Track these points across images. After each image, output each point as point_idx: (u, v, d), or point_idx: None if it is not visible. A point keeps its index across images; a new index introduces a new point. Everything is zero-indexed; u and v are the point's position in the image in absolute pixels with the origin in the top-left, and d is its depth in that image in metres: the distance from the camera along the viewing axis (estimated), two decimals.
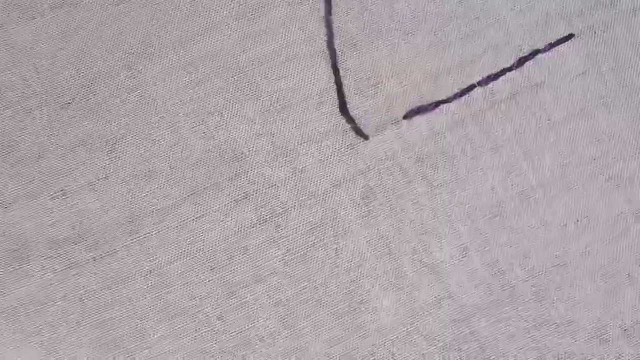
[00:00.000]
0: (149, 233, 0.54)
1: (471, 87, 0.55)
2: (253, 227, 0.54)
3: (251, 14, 0.55)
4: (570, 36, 0.55)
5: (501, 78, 0.55)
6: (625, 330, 0.55)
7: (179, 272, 0.54)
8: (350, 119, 0.55)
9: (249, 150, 0.55)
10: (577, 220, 0.55)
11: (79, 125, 0.54)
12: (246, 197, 0.54)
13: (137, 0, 0.54)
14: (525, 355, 0.54)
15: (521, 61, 0.55)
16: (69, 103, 0.54)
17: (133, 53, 0.55)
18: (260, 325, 0.54)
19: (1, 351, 0.52)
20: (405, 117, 0.55)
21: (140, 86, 0.55)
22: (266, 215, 0.54)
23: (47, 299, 0.53)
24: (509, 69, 0.55)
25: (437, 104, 0.55)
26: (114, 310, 0.53)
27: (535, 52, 0.55)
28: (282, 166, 0.55)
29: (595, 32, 0.56)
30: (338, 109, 0.55)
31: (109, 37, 0.54)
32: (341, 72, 0.55)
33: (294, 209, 0.54)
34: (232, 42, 0.55)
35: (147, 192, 0.54)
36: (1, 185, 0.53)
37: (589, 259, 0.55)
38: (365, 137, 0.55)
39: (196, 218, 0.54)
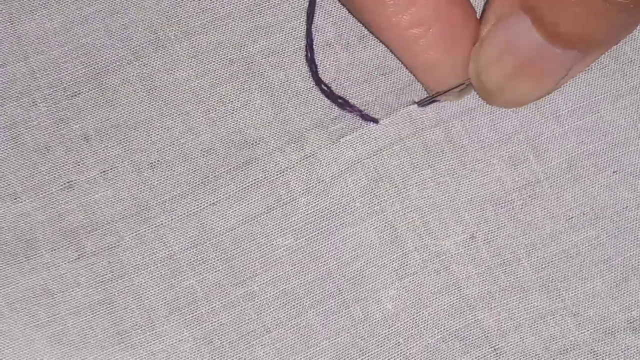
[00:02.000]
0: (160, 222, 0.54)
1: None
2: (262, 215, 0.55)
3: (257, 8, 0.55)
4: None
5: None
6: (631, 322, 0.54)
7: (189, 261, 0.54)
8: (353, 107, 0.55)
9: (260, 137, 0.55)
10: (584, 213, 0.55)
11: (88, 116, 0.54)
12: (256, 185, 0.55)
13: None
14: (530, 345, 0.54)
15: None
16: (76, 95, 0.55)
17: (141, 44, 0.55)
18: (267, 316, 0.54)
19: (12, 341, 0.53)
20: (419, 104, 0.55)
21: (149, 76, 0.55)
22: (275, 203, 0.55)
23: (59, 289, 0.53)
24: None
25: (444, 92, 0.55)
26: (125, 300, 0.54)
27: None
28: (292, 152, 0.55)
29: None
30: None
31: (117, 28, 0.55)
32: (352, 63, 0.55)
33: (303, 195, 0.55)
34: (240, 34, 0.55)
35: (159, 180, 0.55)
36: (9, 177, 0.54)
37: (596, 251, 0.55)
38: (375, 121, 0.55)
39: (207, 206, 0.55)
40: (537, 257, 0.55)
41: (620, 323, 0.54)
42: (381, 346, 0.54)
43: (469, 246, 0.55)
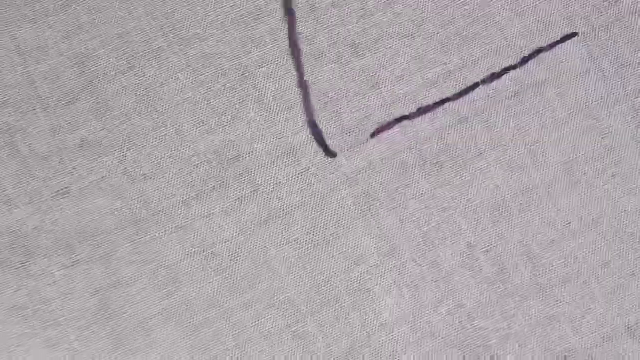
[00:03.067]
0: (155, 232, 0.54)
1: (474, 86, 0.55)
2: (257, 226, 0.54)
3: (251, 18, 0.55)
4: (573, 34, 0.55)
5: (504, 76, 0.55)
6: (629, 327, 0.54)
7: (186, 271, 0.54)
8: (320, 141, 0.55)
9: (254, 150, 0.55)
10: (581, 218, 0.55)
11: (83, 125, 0.54)
12: (250, 197, 0.54)
13: (140, 1, 0.55)
14: (529, 352, 0.54)
15: (524, 60, 0.55)
16: (72, 102, 0.54)
17: (137, 53, 0.55)
18: (264, 324, 0.54)
19: (8, 349, 0.53)
20: (406, 118, 0.55)
21: (144, 86, 0.55)
22: (270, 215, 0.54)
23: (53, 296, 0.53)
24: (512, 67, 0.55)
25: (440, 102, 0.55)
26: (120, 308, 0.53)
27: (538, 51, 0.55)
28: (286, 165, 0.55)
29: (596, 32, 0.56)
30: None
31: (113, 37, 0.55)
32: (342, 73, 0.56)
33: (298, 208, 0.55)
34: (234, 44, 0.55)
35: (153, 191, 0.54)
36: (5, 184, 0.54)
37: (593, 256, 0.55)
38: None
39: (202, 217, 0.54)
40: (535, 263, 0.55)
41: (619, 328, 0.54)
42: (378, 354, 0.54)
43: (467, 255, 0.55)
